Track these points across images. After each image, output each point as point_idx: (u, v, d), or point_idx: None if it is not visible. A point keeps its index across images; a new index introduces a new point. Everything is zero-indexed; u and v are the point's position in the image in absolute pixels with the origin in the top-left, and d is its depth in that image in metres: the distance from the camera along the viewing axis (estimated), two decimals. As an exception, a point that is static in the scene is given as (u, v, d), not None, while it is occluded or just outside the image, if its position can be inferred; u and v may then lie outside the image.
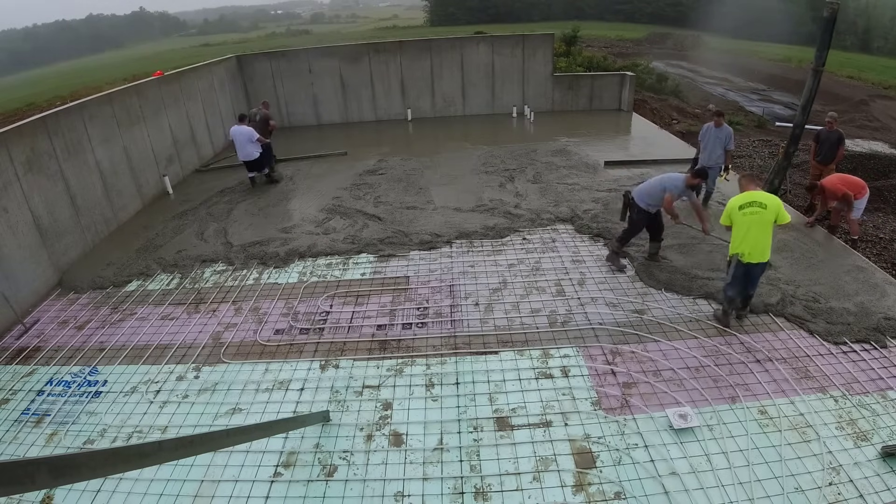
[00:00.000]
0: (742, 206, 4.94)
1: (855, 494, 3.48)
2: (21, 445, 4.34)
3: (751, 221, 4.87)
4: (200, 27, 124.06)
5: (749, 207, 4.91)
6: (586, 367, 4.73)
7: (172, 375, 5.01)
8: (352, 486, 3.74)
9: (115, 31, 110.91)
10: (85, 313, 6.23)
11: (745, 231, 4.89)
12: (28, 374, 5.22)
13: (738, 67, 33.98)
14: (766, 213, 4.85)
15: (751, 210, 4.89)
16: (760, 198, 4.93)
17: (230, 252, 7.34)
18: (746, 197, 4.99)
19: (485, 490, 3.64)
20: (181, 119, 10.93)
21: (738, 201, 5.00)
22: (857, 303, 5.42)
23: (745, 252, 4.89)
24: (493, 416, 4.24)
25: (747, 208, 4.91)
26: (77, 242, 7.56)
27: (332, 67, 14.05)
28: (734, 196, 5.14)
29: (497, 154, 10.83)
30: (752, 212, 4.88)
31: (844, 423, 4.03)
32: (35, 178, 6.85)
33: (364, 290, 6.20)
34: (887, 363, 4.64)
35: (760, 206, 4.88)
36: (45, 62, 77.42)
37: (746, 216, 4.90)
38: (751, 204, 4.91)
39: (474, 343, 5.14)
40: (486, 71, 14.07)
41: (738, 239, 4.95)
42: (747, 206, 4.92)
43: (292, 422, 4.14)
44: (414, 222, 7.82)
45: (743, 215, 4.91)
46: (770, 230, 4.91)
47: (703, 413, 4.16)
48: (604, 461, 3.80)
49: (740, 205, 4.96)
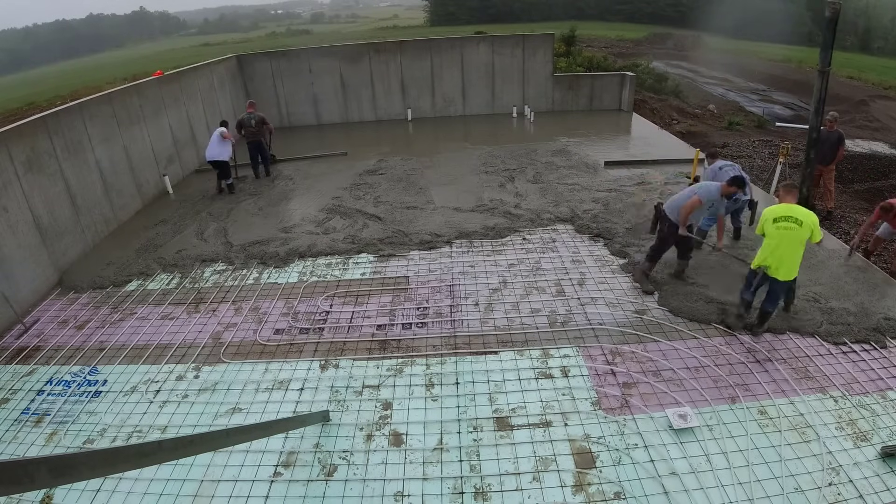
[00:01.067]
0: (777, 220, 4.70)
1: (854, 495, 3.48)
2: (21, 445, 4.34)
3: (783, 236, 4.64)
4: (200, 27, 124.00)
5: (784, 222, 4.66)
6: (586, 367, 4.73)
7: (172, 375, 5.01)
8: (351, 486, 3.74)
9: (115, 31, 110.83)
10: (85, 313, 6.23)
11: (775, 245, 4.67)
12: (28, 373, 5.22)
13: (738, 68, 33.97)
14: (801, 231, 4.62)
15: (785, 225, 4.65)
16: (798, 213, 4.67)
17: (230, 252, 7.34)
18: (784, 210, 4.72)
19: (484, 490, 3.64)
20: (181, 119, 10.92)
21: (774, 213, 4.75)
22: (857, 303, 5.43)
23: (772, 266, 4.70)
24: (493, 416, 4.24)
25: (782, 222, 4.67)
26: (77, 242, 7.56)
27: (333, 67, 14.04)
28: (771, 206, 4.90)
29: (497, 154, 10.83)
30: (787, 227, 4.64)
31: (844, 424, 4.03)
32: (35, 177, 6.85)
33: (364, 289, 6.20)
34: (887, 363, 4.64)
35: (796, 221, 4.64)
36: (45, 62, 77.37)
37: (780, 230, 4.66)
38: (787, 218, 4.66)
39: (474, 343, 5.14)
40: (487, 71, 14.07)
41: (767, 251, 4.73)
42: (782, 220, 4.67)
43: (292, 421, 4.14)
44: (414, 222, 7.82)
45: (777, 229, 4.67)
46: (802, 248, 4.69)
47: (702, 413, 4.16)
48: (603, 461, 3.80)
49: (775, 217, 4.71)
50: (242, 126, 10.01)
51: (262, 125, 10.00)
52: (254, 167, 10.30)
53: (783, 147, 8.67)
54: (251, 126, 9.91)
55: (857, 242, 6.52)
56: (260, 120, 9.99)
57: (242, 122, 10.01)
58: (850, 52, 40.86)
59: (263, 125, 10.04)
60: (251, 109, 10.14)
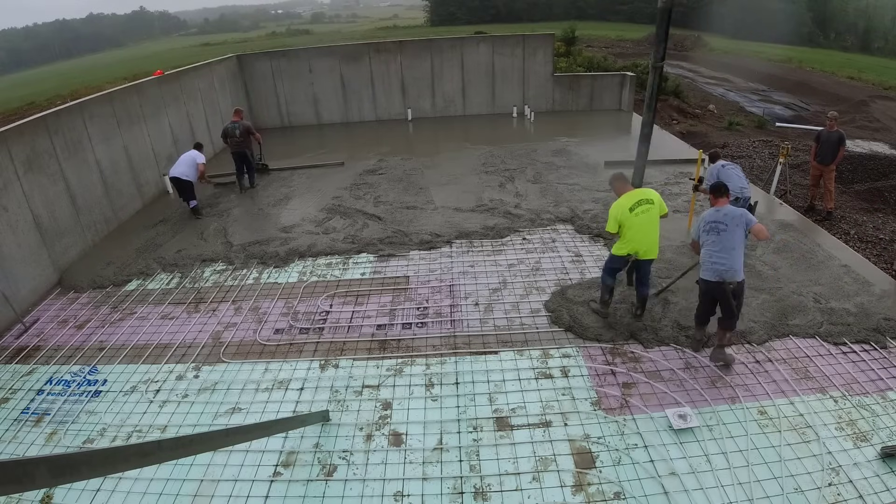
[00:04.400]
0: (632, 208, 4.85)
1: (854, 495, 3.48)
2: (21, 444, 4.34)
3: (643, 220, 4.86)
4: (201, 26, 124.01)
5: (639, 206, 4.87)
6: (586, 367, 4.72)
7: (172, 375, 5.01)
8: (351, 486, 3.74)
9: (116, 31, 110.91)
10: (85, 312, 6.23)
11: (637, 230, 4.85)
12: (28, 373, 5.22)
13: (738, 68, 33.96)
14: (655, 208, 4.90)
15: (643, 208, 4.86)
16: (646, 195, 4.94)
17: (230, 251, 7.34)
18: (633, 197, 4.91)
19: (484, 490, 3.64)
20: (181, 118, 10.92)
21: (625, 205, 4.88)
22: (857, 303, 5.42)
23: (642, 250, 4.91)
24: (493, 416, 4.24)
25: (638, 207, 4.86)
26: (77, 242, 7.56)
27: (333, 67, 14.04)
28: (616, 201, 5.01)
29: (497, 154, 10.83)
30: (644, 210, 4.87)
31: (844, 424, 4.03)
32: (35, 177, 6.85)
33: (364, 289, 6.20)
34: (887, 364, 4.64)
35: (649, 202, 4.89)
36: (46, 61, 77.39)
37: (639, 216, 4.85)
38: (640, 203, 4.88)
39: (474, 343, 5.14)
40: (487, 71, 14.07)
41: (634, 240, 4.89)
42: (637, 206, 4.86)
43: (292, 421, 4.14)
44: (414, 222, 7.82)
45: (636, 216, 4.85)
46: (658, 224, 4.97)
47: (702, 413, 4.16)
48: (603, 461, 3.80)
49: (630, 206, 4.86)
50: (227, 136, 9.27)
51: (247, 135, 9.27)
52: (238, 180, 9.64)
53: (783, 147, 8.68)
54: (235, 136, 9.16)
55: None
56: (245, 129, 9.22)
57: (227, 131, 9.26)
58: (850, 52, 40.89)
59: (249, 135, 9.32)
60: (236, 118, 9.40)
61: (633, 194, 4.95)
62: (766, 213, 7.67)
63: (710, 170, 6.48)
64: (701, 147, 10.93)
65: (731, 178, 6.09)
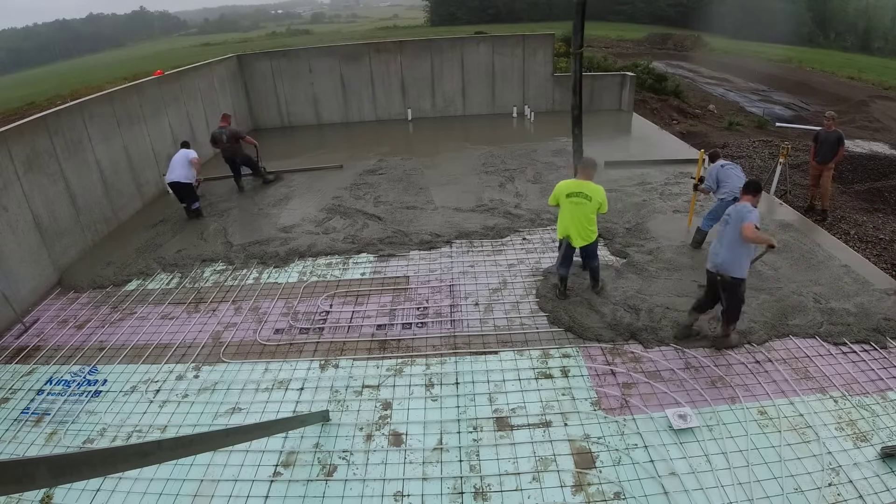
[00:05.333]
0: (570, 195, 5.20)
1: (854, 495, 3.48)
2: (21, 444, 4.35)
3: (573, 210, 5.19)
4: (201, 26, 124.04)
5: (575, 197, 5.18)
6: (586, 367, 4.72)
7: (172, 375, 5.01)
8: (351, 486, 3.74)
9: (116, 31, 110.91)
10: (85, 312, 6.23)
11: (569, 218, 5.22)
12: (28, 373, 5.22)
13: (738, 68, 33.97)
14: (589, 205, 5.16)
15: (576, 200, 5.18)
16: (587, 189, 5.18)
17: (230, 251, 7.34)
18: (575, 185, 5.23)
19: (484, 490, 3.64)
20: (181, 118, 10.92)
21: (567, 188, 5.24)
22: (857, 303, 5.42)
23: (571, 235, 5.25)
24: (493, 416, 4.24)
25: (574, 197, 5.19)
26: (77, 242, 7.56)
27: (333, 67, 14.04)
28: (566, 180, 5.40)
29: (497, 154, 10.83)
30: (577, 202, 5.17)
31: (844, 424, 4.03)
32: (35, 177, 6.85)
33: (364, 289, 6.20)
34: (887, 364, 4.64)
35: (586, 197, 5.16)
36: (45, 61, 77.38)
37: (571, 204, 5.19)
38: (577, 194, 5.18)
39: (474, 343, 5.14)
40: (487, 71, 14.06)
41: (564, 224, 5.30)
42: (574, 196, 5.19)
43: (292, 421, 4.14)
44: (414, 222, 7.82)
45: (569, 202, 5.20)
46: (593, 219, 5.27)
47: (702, 413, 4.16)
48: (603, 461, 3.80)
49: (568, 193, 5.22)
50: (215, 141, 9.26)
51: (234, 141, 9.18)
52: (236, 180, 9.71)
53: (783, 147, 8.67)
54: (223, 141, 9.13)
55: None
56: (232, 135, 9.14)
57: (214, 136, 9.25)
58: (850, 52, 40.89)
59: (237, 140, 9.23)
60: (224, 123, 9.30)
61: (579, 184, 5.25)
62: (766, 213, 7.66)
63: (710, 170, 6.48)
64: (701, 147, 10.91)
65: (731, 177, 6.10)
